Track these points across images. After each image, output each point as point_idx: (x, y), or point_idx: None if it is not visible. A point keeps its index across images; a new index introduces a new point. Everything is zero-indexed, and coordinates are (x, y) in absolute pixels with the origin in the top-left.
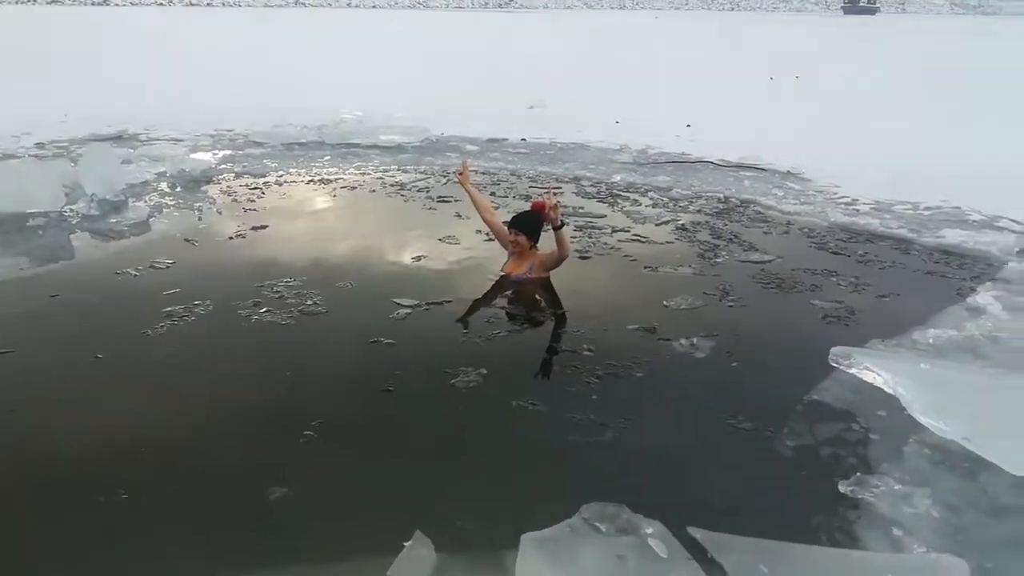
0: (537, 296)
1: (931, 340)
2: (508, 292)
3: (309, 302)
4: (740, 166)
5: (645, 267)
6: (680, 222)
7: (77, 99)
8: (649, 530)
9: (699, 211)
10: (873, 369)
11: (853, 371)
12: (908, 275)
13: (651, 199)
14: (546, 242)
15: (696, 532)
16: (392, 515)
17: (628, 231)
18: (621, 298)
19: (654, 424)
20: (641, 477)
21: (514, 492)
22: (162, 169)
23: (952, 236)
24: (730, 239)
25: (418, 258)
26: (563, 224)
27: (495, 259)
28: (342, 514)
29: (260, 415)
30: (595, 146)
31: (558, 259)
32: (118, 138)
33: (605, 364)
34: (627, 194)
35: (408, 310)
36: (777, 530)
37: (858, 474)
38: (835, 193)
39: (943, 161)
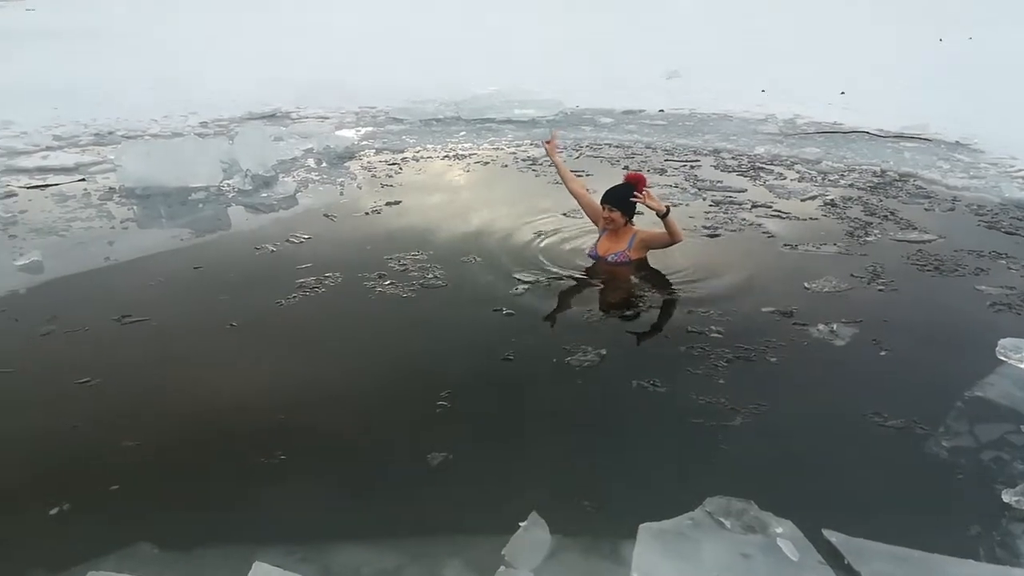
0: (657, 276)
1: None
2: (625, 272)
3: (430, 275)
4: (901, 136)
5: (784, 245)
6: (828, 197)
7: (237, 78)
8: (779, 529)
9: (851, 185)
10: None
11: None
12: None
13: (797, 172)
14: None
15: (832, 535)
16: (510, 492)
17: (769, 207)
18: (755, 278)
19: (788, 414)
20: (772, 471)
21: (633, 477)
22: (310, 146)
23: None
24: (885, 216)
25: (541, 233)
26: (669, 211)
27: None
28: (463, 488)
29: (368, 386)
30: (738, 116)
31: (668, 243)
32: (272, 116)
33: (735, 347)
34: (771, 167)
35: (527, 286)
36: (926, 540)
37: None
38: (1011, 166)
39: None
